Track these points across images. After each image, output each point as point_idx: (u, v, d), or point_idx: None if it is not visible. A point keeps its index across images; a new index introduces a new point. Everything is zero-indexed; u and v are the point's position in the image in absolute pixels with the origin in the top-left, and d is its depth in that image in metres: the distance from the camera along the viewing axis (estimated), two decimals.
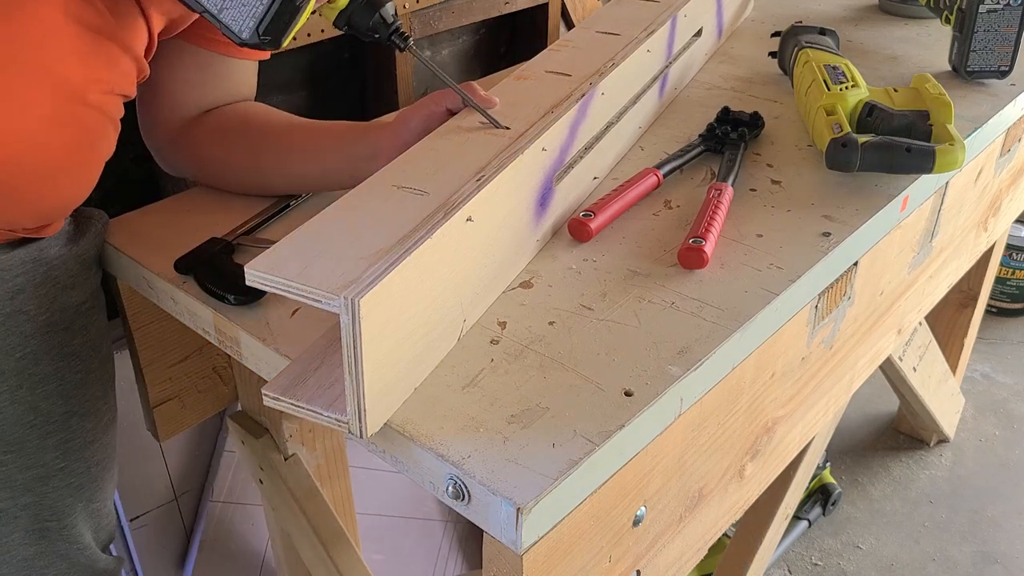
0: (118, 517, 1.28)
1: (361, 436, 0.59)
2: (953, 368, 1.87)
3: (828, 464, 1.81)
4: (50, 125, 0.69)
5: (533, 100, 0.82)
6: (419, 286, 0.61)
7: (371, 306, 0.55)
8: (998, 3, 1.11)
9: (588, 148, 0.87)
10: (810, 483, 1.73)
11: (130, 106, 1.29)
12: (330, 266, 0.58)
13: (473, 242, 0.67)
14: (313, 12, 0.69)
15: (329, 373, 0.63)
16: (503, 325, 0.71)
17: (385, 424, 0.61)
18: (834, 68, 1.01)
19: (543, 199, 0.78)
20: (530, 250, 0.79)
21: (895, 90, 0.98)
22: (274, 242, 0.82)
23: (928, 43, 1.30)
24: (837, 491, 1.79)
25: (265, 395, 0.61)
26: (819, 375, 0.94)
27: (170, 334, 0.94)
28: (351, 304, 0.54)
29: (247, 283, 0.58)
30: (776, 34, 1.21)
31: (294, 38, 0.69)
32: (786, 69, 1.15)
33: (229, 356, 0.96)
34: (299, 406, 0.60)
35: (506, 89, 0.84)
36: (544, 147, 0.76)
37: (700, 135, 0.98)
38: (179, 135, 0.90)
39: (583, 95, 0.83)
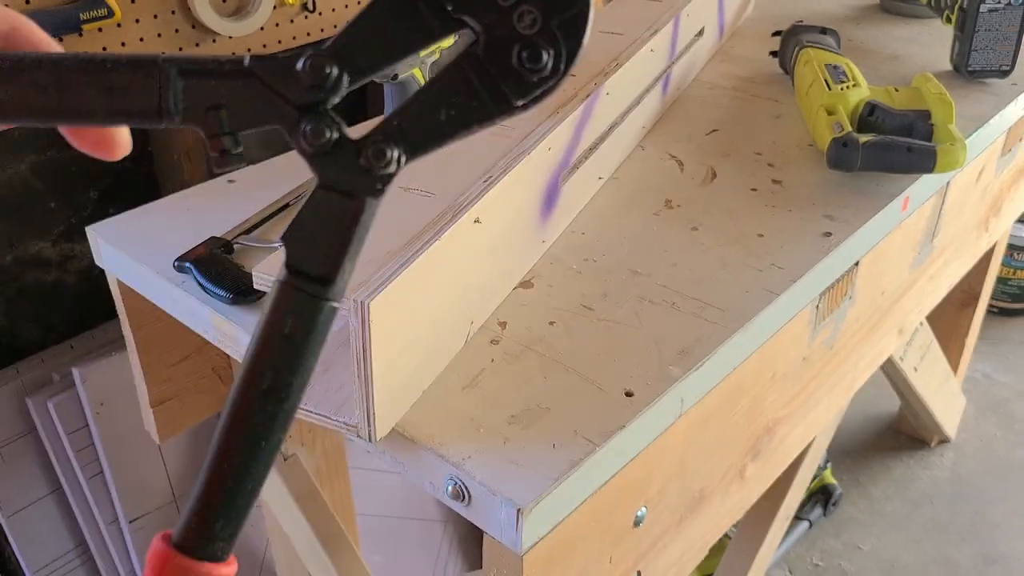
0: (118, 519, 1.28)
1: (370, 440, 0.59)
2: (954, 368, 1.87)
3: (829, 464, 1.81)
4: None
5: None
6: (428, 288, 0.60)
7: (381, 309, 0.54)
8: (999, 2, 1.10)
9: (593, 148, 0.86)
10: (811, 484, 1.73)
11: None
12: None
13: (481, 243, 0.67)
14: None
15: (336, 376, 0.62)
16: (503, 325, 0.71)
17: None
18: (835, 67, 1.00)
19: (549, 199, 0.78)
20: (536, 251, 0.78)
21: (896, 89, 0.98)
22: (274, 242, 0.82)
23: (929, 42, 1.30)
24: (838, 492, 1.79)
25: None
26: (820, 375, 0.94)
27: (169, 334, 0.94)
28: (361, 307, 0.54)
29: (255, 285, 0.58)
30: (777, 33, 1.21)
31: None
32: (787, 68, 1.15)
33: (229, 356, 0.96)
34: (307, 411, 0.60)
35: None
36: (550, 147, 0.76)
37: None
38: None
39: (588, 95, 0.83)
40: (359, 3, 1.21)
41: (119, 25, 1.00)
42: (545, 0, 0.31)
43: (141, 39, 1.03)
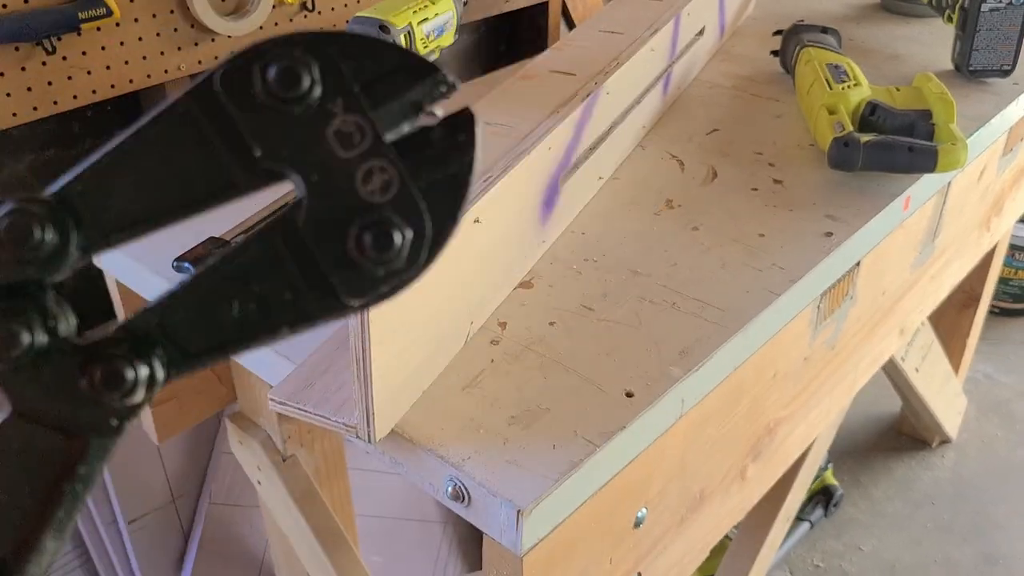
0: (116, 519, 1.27)
1: (369, 441, 0.58)
2: (955, 369, 1.87)
3: (830, 465, 1.81)
4: None
5: (538, 99, 0.81)
6: (427, 289, 0.60)
7: (380, 309, 0.54)
8: (1000, 2, 1.10)
9: (593, 148, 0.86)
10: (812, 484, 1.72)
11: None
12: None
13: (480, 244, 0.66)
14: None
15: (336, 377, 0.62)
16: (503, 325, 0.70)
17: None
18: (836, 67, 1.00)
19: (549, 199, 0.78)
20: (536, 251, 0.78)
21: (897, 89, 0.98)
22: None
23: (930, 42, 1.30)
24: (839, 492, 1.78)
25: (271, 400, 0.61)
26: (821, 376, 0.93)
27: None
28: None
29: None
30: (778, 32, 1.20)
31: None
32: (788, 68, 1.14)
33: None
34: (306, 411, 0.60)
35: (511, 88, 0.84)
36: (550, 147, 0.75)
37: None
38: None
39: (588, 94, 0.82)
40: (358, 2, 1.21)
41: (118, 24, 1.00)
42: (409, 154, 0.20)
43: (140, 38, 1.02)
